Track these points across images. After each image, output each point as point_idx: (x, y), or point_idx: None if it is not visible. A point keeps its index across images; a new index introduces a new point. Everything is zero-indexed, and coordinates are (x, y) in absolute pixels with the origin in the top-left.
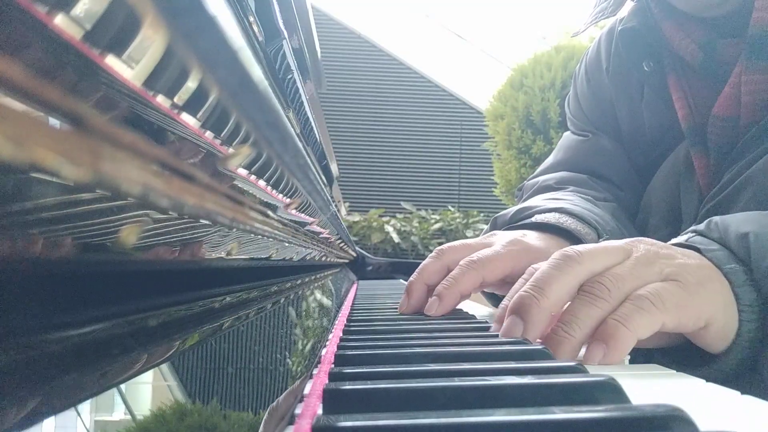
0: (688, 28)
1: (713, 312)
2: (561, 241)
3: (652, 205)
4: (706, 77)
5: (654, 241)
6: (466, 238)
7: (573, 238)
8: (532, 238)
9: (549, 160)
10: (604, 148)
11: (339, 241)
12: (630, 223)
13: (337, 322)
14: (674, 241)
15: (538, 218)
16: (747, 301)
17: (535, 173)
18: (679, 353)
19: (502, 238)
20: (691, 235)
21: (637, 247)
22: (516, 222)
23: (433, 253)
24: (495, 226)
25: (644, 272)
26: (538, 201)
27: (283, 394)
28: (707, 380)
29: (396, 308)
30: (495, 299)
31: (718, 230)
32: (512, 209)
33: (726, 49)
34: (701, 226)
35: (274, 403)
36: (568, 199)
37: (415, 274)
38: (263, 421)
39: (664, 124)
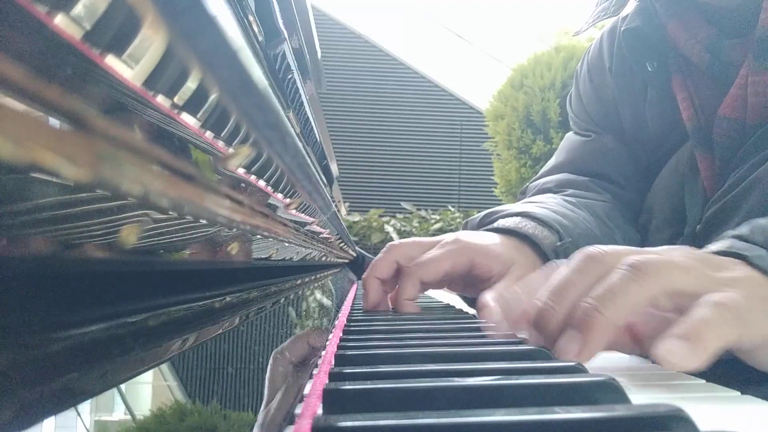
0: (694, 29)
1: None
2: (518, 243)
3: (655, 206)
4: (712, 78)
5: (690, 248)
6: None
7: (531, 242)
8: (474, 236)
9: (552, 161)
10: (607, 147)
11: (339, 241)
12: (629, 223)
13: (337, 322)
14: (714, 247)
15: (500, 223)
16: None
17: (538, 175)
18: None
19: (447, 237)
20: (734, 241)
21: (674, 251)
22: (483, 226)
23: (384, 248)
24: (465, 229)
25: (700, 274)
26: (512, 204)
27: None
28: (712, 379)
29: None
30: (470, 301)
31: (764, 233)
32: (483, 213)
33: (732, 50)
34: (744, 230)
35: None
36: (542, 202)
37: (368, 269)
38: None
39: (667, 124)
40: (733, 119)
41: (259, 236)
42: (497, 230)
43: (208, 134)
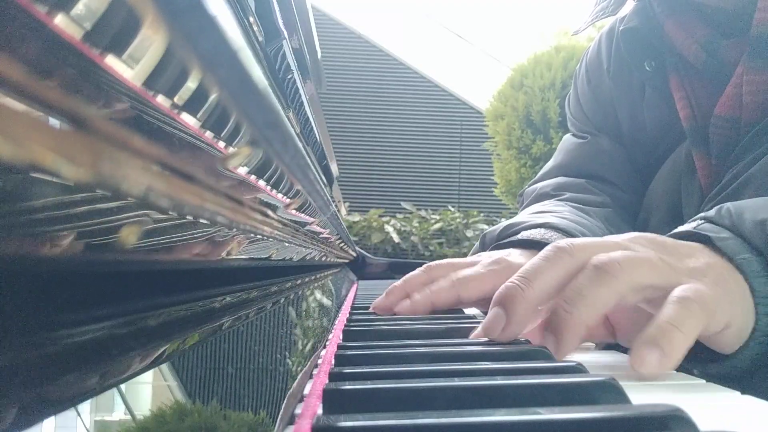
0: (691, 28)
1: (733, 313)
2: None
3: (653, 205)
4: (709, 77)
5: (655, 236)
6: (466, 238)
7: None
8: (516, 256)
9: (548, 165)
10: (603, 149)
11: (339, 241)
12: (629, 226)
13: (337, 322)
14: (682, 228)
15: (524, 235)
16: (764, 293)
17: (536, 178)
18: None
19: (487, 258)
20: (700, 222)
21: (640, 242)
22: (503, 239)
23: (421, 268)
24: (483, 243)
25: (664, 267)
26: (526, 216)
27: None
28: (711, 379)
29: (395, 308)
30: None
31: (731, 217)
32: (500, 225)
33: (728, 50)
34: (711, 213)
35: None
36: (556, 211)
37: (399, 281)
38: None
39: (665, 123)
40: (729, 118)
41: (259, 236)
42: (522, 242)
43: (208, 134)
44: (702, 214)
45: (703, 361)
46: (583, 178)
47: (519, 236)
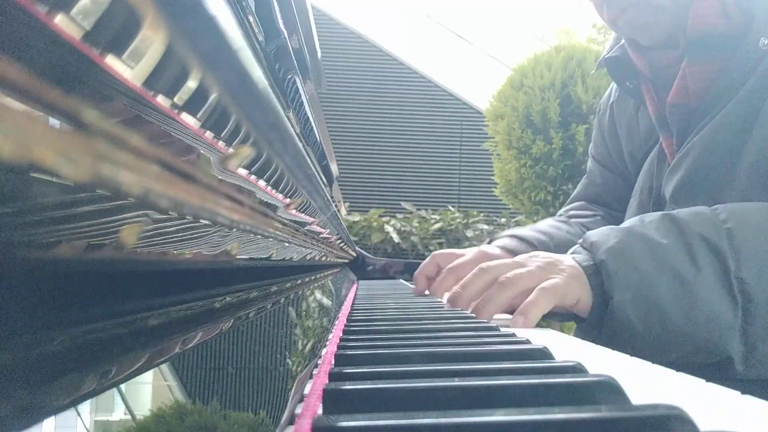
0: (641, 49)
1: (581, 293)
2: (508, 255)
3: (637, 189)
4: (658, 80)
5: (547, 255)
6: (466, 238)
7: (515, 253)
8: (491, 247)
9: (573, 194)
10: (596, 182)
11: (339, 241)
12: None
13: (337, 322)
14: (574, 250)
15: (497, 242)
16: (594, 283)
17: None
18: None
19: (473, 250)
20: (577, 249)
21: (533, 260)
22: (491, 242)
23: (429, 256)
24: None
25: (540, 274)
26: (515, 229)
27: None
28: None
29: (396, 308)
30: None
31: (587, 242)
32: (507, 232)
33: (663, 57)
34: (580, 241)
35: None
36: (536, 225)
37: (419, 269)
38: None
39: (650, 126)
40: (679, 104)
41: (259, 236)
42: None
43: (208, 134)
44: (579, 244)
45: (577, 320)
46: (582, 201)
47: (495, 242)
